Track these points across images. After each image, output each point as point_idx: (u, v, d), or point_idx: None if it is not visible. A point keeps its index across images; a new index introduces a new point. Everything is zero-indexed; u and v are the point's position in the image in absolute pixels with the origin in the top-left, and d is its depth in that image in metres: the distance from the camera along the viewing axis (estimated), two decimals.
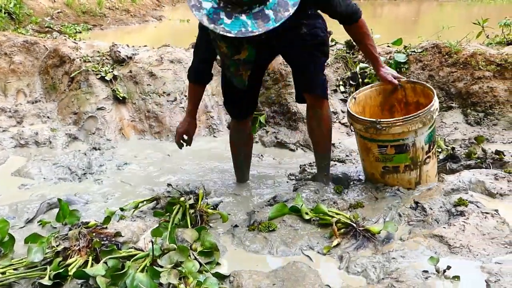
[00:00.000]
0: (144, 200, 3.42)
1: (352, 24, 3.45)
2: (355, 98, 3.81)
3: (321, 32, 3.46)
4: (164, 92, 5.45)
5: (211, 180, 4.16)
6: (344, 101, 5.35)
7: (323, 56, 3.58)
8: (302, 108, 3.88)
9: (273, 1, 2.69)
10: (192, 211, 3.15)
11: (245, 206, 3.57)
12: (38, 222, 3.32)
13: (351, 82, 5.43)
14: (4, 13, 9.84)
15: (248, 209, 3.48)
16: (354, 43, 4.39)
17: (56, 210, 3.33)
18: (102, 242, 2.71)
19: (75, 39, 6.98)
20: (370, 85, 3.96)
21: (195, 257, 2.68)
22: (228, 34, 2.64)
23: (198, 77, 3.57)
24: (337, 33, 6.14)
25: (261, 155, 4.81)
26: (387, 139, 3.44)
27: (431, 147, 3.57)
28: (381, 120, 3.42)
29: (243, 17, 2.64)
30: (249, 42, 2.97)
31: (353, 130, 3.72)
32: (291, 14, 2.70)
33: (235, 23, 2.63)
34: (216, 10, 2.65)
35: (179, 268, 2.54)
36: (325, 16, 3.41)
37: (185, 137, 3.73)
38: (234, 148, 4.00)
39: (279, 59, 4.68)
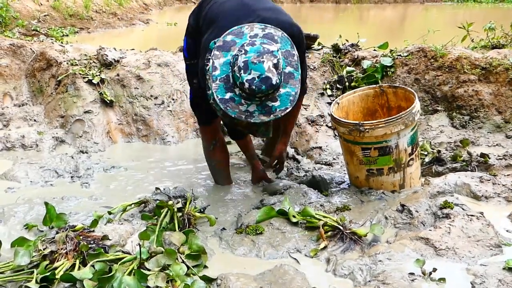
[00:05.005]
0: (132, 203, 3.42)
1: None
2: (338, 103, 3.84)
3: None
4: (151, 96, 5.44)
5: (199, 184, 4.16)
6: (331, 104, 5.36)
7: None
8: None
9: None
10: (179, 214, 3.15)
11: (233, 210, 3.57)
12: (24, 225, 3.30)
13: (337, 85, 5.45)
14: None
15: (236, 212, 3.49)
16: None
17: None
18: (89, 246, 2.71)
19: (62, 42, 6.94)
20: (353, 90, 4.00)
21: (182, 260, 2.69)
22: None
23: None
24: (323, 36, 6.17)
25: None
26: (371, 141, 3.47)
27: (414, 149, 3.60)
28: (364, 122, 3.46)
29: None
30: None
31: (337, 134, 3.74)
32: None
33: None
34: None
35: (167, 271, 2.55)
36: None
37: None
38: (211, 158, 4.01)
39: None
